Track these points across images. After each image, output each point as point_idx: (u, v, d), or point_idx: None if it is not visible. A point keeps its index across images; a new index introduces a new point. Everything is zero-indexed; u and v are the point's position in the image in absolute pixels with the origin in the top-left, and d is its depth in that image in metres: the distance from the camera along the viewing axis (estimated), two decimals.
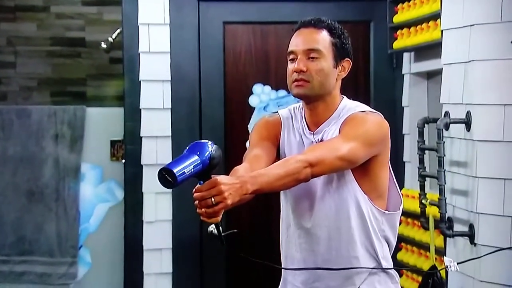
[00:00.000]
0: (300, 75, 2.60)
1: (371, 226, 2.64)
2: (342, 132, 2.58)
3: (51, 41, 5.42)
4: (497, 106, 3.28)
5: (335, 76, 2.70)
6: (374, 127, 2.64)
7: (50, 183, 4.32)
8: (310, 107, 2.72)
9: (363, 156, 2.56)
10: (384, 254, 2.67)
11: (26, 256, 4.26)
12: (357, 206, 2.62)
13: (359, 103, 2.76)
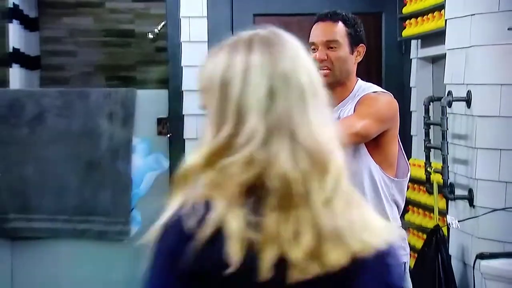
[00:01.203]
0: (322, 63, 2.59)
1: (382, 191, 2.66)
2: (357, 111, 2.59)
3: (105, 32, 5.46)
4: (495, 85, 3.24)
5: (352, 61, 2.74)
6: (385, 106, 2.67)
7: (106, 155, 4.32)
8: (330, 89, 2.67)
9: (375, 132, 2.58)
10: (393, 215, 2.70)
11: (86, 216, 4.29)
12: (370, 175, 2.62)
13: (372, 84, 2.79)
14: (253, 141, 1.25)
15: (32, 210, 4.28)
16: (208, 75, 1.34)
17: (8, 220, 4.26)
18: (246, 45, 1.33)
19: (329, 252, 1.22)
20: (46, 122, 4.32)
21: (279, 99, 1.28)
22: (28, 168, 4.28)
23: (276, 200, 1.23)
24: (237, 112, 1.28)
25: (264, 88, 1.28)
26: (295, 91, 1.30)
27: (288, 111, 1.28)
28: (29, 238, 4.31)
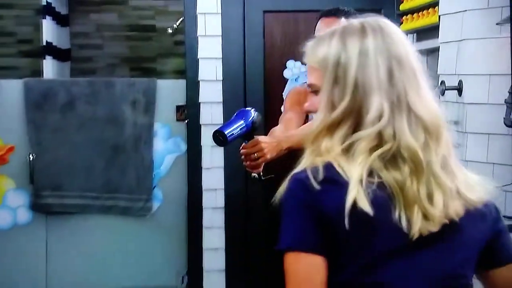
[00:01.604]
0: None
1: None
2: None
3: (128, 28, 5.47)
4: (484, 75, 3.20)
5: None
6: None
7: (130, 139, 4.34)
8: None
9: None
10: None
11: (112, 194, 4.31)
12: None
13: None
14: (383, 118, 1.33)
15: (64, 188, 4.31)
16: (321, 58, 1.41)
17: (43, 197, 4.28)
18: (359, 31, 1.38)
19: (451, 205, 1.34)
20: (76, 108, 4.33)
21: (397, 79, 1.36)
22: (60, 150, 4.30)
23: (408, 167, 1.32)
24: (355, 90, 1.36)
25: (383, 69, 1.36)
26: (409, 72, 1.38)
27: (405, 89, 1.36)
28: (61, 213, 4.33)
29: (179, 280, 4.36)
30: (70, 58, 5.36)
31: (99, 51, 5.44)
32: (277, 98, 4.25)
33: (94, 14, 5.43)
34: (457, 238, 1.37)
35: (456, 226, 1.35)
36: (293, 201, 1.35)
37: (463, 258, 1.40)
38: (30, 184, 4.30)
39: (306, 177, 1.32)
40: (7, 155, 4.31)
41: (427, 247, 1.34)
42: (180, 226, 4.33)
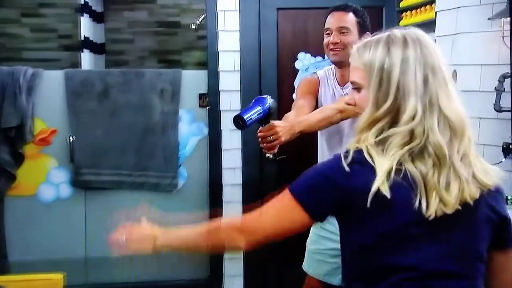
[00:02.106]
0: (335, 46, 2.59)
1: None
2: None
3: (157, 24, 5.49)
4: (476, 66, 3.19)
5: None
6: None
7: (158, 123, 4.34)
8: (340, 69, 2.66)
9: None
10: None
11: (143, 172, 4.32)
12: None
13: None
14: (416, 118, 1.42)
15: (100, 166, 4.32)
16: (367, 61, 1.49)
17: (82, 174, 4.30)
18: (402, 42, 1.47)
19: (466, 189, 1.42)
20: (110, 96, 4.33)
21: (430, 85, 1.44)
22: (97, 133, 4.31)
23: (432, 161, 1.41)
24: (397, 93, 1.44)
25: (420, 76, 1.44)
26: (441, 79, 1.46)
27: (437, 94, 1.44)
28: (98, 189, 4.34)
29: None
30: (105, 51, 5.38)
31: (130, 45, 5.46)
32: (289, 87, 4.24)
33: (126, 12, 5.45)
34: (472, 218, 1.44)
35: (470, 208, 1.42)
36: (323, 170, 1.48)
37: (478, 236, 1.46)
38: (70, 163, 4.31)
39: (340, 158, 1.45)
40: (50, 137, 4.32)
41: (445, 227, 1.41)
42: (203, 201, 4.34)
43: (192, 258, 4.34)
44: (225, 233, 1.57)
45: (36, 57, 5.18)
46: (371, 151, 1.43)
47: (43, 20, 5.31)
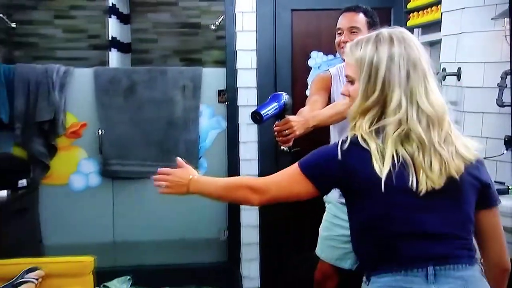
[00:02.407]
0: (346, 44, 2.59)
1: None
2: None
3: (179, 25, 5.50)
4: (479, 63, 3.16)
5: None
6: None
7: (181, 117, 4.36)
8: None
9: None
10: None
11: (166, 162, 4.14)
12: None
13: None
14: (402, 108, 1.54)
15: (127, 157, 4.34)
16: (358, 58, 1.60)
17: (110, 164, 4.32)
18: (388, 40, 1.58)
19: (452, 165, 1.54)
20: (136, 92, 4.34)
21: (412, 79, 1.55)
22: (124, 126, 4.33)
23: (416, 144, 1.53)
24: (383, 86, 1.55)
25: (404, 71, 1.55)
26: (420, 74, 1.56)
27: (416, 87, 1.55)
28: (125, 178, 4.36)
29: (221, 233, 4.39)
30: (131, 50, 5.39)
31: (154, 45, 5.47)
32: (302, 83, 4.23)
33: (151, 14, 5.46)
34: (460, 188, 1.55)
35: (457, 181, 1.54)
36: (327, 151, 1.62)
37: (466, 202, 1.57)
38: (99, 154, 4.33)
39: (341, 142, 1.59)
40: (81, 130, 4.35)
41: (438, 198, 1.53)
42: None
43: (212, 244, 4.37)
44: (243, 191, 1.71)
45: (68, 56, 5.20)
46: (366, 137, 1.55)
47: (74, 21, 5.32)
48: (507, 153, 2.99)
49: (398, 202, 1.51)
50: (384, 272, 1.51)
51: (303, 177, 1.61)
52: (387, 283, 1.50)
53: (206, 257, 4.40)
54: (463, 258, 1.52)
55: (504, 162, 3.00)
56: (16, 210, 3.29)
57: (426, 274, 1.48)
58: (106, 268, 3.80)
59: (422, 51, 1.60)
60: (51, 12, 5.31)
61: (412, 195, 1.51)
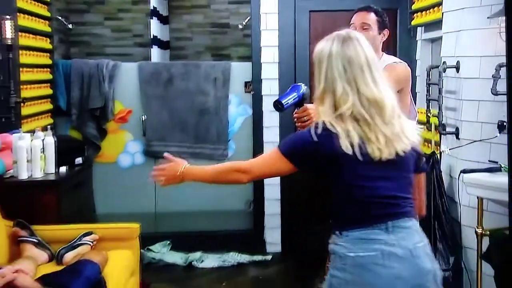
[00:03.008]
0: None
1: None
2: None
3: (211, 25, 5.49)
4: (476, 57, 3.12)
5: (379, 40, 2.62)
6: (401, 71, 2.59)
7: (212, 105, 4.37)
8: None
9: (394, 89, 2.47)
10: None
11: (200, 144, 4.36)
12: None
13: (393, 56, 2.69)
14: (349, 97, 1.64)
15: (166, 140, 4.37)
16: (314, 55, 1.73)
17: (152, 146, 4.36)
18: (332, 39, 1.70)
19: (398, 145, 1.66)
20: (174, 83, 4.37)
21: (348, 72, 1.64)
22: (163, 113, 4.36)
23: (363, 123, 1.63)
24: (326, 77, 1.66)
25: (340, 66, 1.64)
26: (357, 68, 1.65)
27: (354, 79, 1.64)
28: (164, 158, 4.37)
29: (247, 206, 4.40)
30: (169, 47, 5.40)
31: (189, 42, 5.47)
32: None
33: (186, 15, 5.45)
34: (405, 159, 1.68)
35: (403, 156, 1.66)
36: (302, 135, 1.67)
37: (409, 169, 1.72)
38: (143, 136, 4.37)
39: (313, 127, 1.65)
40: (127, 116, 4.39)
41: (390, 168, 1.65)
42: None
43: (240, 214, 4.39)
44: (233, 173, 1.78)
45: (116, 52, 5.24)
46: (333, 122, 1.63)
47: (121, 22, 5.36)
48: (500, 136, 2.96)
49: (363, 173, 1.62)
50: (355, 227, 1.63)
51: (283, 157, 1.67)
52: (357, 235, 1.62)
53: (234, 225, 4.43)
54: (409, 213, 1.68)
55: (497, 144, 2.97)
56: (74, 184, 3.34)
57: (386, 227, 1.62)
58: (149, 234, 3.86)
59: (360, 50, 1.66)
60: (102, 14, 5.35)
61: (372, 166, 1.62)
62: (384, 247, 1.59)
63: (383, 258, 1.58)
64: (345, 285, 1.60)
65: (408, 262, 1.60)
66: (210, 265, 3.97)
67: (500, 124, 2.96)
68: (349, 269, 1.60)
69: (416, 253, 1.62)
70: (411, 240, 1.63)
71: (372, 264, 1.58)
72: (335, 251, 1.65)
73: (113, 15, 5.35)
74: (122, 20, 5.34)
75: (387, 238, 1.60)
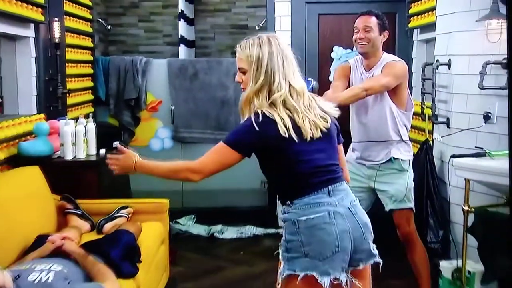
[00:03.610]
0: (361, 41, 2.55)
1: (397, 119, 2.58)
2: (383, 72, 2.54)
3: (231, 26, 5.46)
4: (465, 55, 3.11)
5: (379, 41, 2.61)
6: (399, 68, 2.57)
7: (232, 97, 4.36)
8: (366, 58, 2.62)
9: (393, 84, 2.51)
10: (403, 133, 2.61)
11: (221, 131, 4.34)
12: (390, 110, 2.57)
13: (392, 55, 2.68)
14: (283, 88, 1.69)
15: (192, 127, 4.39)
16: (248, 54, 1.73)
17: (179, 132, 4.40)
18: (267, 41, 1.73)
19: (320, 124, 1.73)
20: (199, 78, 4.38)
21: (285, 67, 1.71)
22: (189, 103, 4.39)
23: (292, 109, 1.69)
24: (267, 73, 1.69)
25: (280, 62, 1.70)
26: (290, 63, 1.72)
27: (288, 72, 1.71)
28: (190, 142, 4.38)
29: (263, 185, 4.39)
30: (195, 46, 5.41)
31: (212, 41, 5.46)
32: (327, 71, 4.21)
33: (210, 18, 5.43)
34: (331, 134, 1.76)
35: (328, 130, 1.74)
36: (245, 127, 1.68)
37: (335, 141, 1.79)
38: (171, 124, 4.40)
39: (254, 117, 1.67)
40: (158, 106, 4.42)
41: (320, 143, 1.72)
42: None
43: (255, 192, 4.42)
44: (183, 173, 1.76)
45: (148, 50, 5.27)
46: (270, 111, 1.67)
47: (152, 24, 5.38)
48: (485, 125, 2.96)
49: (300, 150, 1.67)
50: (302, 196, 1.67)
51: (231, 150, 1.67)
52: (306, 202, 1.66)
53: (251, 202, 4.45)
54: (341, 177, 1.75)
55: (483, 132, 2.97)
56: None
57: (328, 191, 1.68)
58: (176, 208, 3.89)
59: (289, 48, 1.75)
60: (136, 17, 5.38)
61: (307, 143, 1.68)
62: (330, 208, 1.65)
63: (329, 217, 1.64)
64: (301, 246, 1.63)
65: (349, 218, 1.67)
66: (229, 236, 4.02)
67: (486, 115, 2.95)
68: (303, 231, 1.63)
69: (353, 210, 1.70)
70: (348, 199, 1.71)
71: (322, 223, 1.63)
72: (287, 219, 1.69)
73: (146, 17, 5.37)
74: (154, 22, 5.37)
75: (331, 200, 1.67)
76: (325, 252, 1.61)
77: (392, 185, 2.57)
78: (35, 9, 3.11)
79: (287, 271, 1.64)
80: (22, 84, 3.18)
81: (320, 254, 1.61)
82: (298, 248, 1.63)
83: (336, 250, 1.62)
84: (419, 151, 3.37)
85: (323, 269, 1.60)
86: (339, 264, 1.63)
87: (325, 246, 1.62)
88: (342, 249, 1.63)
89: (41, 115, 3.22)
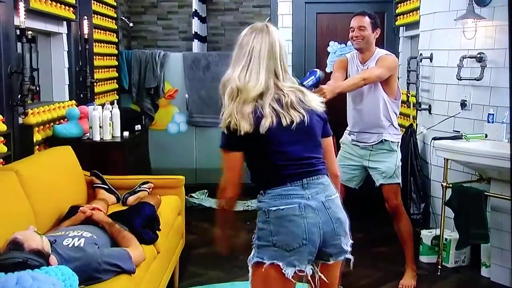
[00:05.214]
0: (357, 38, 2.54)
1: (388, 107, 2.59)
2: (377, 65, 2.54)
3: (239, 23, 5.40)
4: (445, 50, 3.10)
5: (372, 38, 2.60)
6: (391, 61, 2.56)
7: None
8: (361, 53, 2.61)
9: (386, 75, 2.50)
10: (393, 119, 2.63)
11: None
12: (382, 99, 2.58)
13: (384, 50, 2.67)
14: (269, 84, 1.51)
15: (204, 113, 4.38)
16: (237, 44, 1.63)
17: (193, 117, 4.41)
18: (259, 30, 1.58)
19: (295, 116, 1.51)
20: (210, 69, 4.38)
21: (270, 57, 1.53)
22: (202, 92, 4.39)
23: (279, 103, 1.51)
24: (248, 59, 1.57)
25: (267, 50, 1.54)
26: (277, 53, 1.53)
27: (274, 63, 1.53)
28: (203, 126, 4.40)
29: None
30: (207, 41, 5.40)
31: (222, 37, 5.43)
32: (323, 63, 4.19)
33: (220, 16, 5.40)
34: (311, 126, 1.54)
35: (308, 122, 1.52)
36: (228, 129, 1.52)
37: (316, 133, 1.58)
38: (186, 110, 4.42)
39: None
40: (174, 94, 4.44)
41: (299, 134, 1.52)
42: None
43: None
44: (220, 199, 1.64)
45: (165, 45, 5.26)
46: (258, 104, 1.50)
47: (169, 22, 5.36)
48: (462, 112, 2.96)
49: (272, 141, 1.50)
50: (275, 186, 1.51)
51: (231, 153, 1.53)
52: (278, 192, 1.50)
53: None
54: (320, 171, 1.56)
55: (460, 118, 2.98)
56: (134, 145, 3.41)
57: (301, 184, 1.51)
58: (191, 184, 3.94)
59: (277, 38, 1.56)
60: (155, 15, 5.35)
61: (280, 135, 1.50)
62: (301, 201, 1.49)
63: (300, 209, 1.48)
64: (270, 236, 1.49)
65: (321, 212, 1.50)
66: (237, 209, 4.06)
67: (462, 103, 2.95)
68: (272, 221, 1.49)
69: (327, 205, 1.52)
70: (324, 193, 1.53)
71: (291, 215, 1.48)
72: (260, 207, 1.54)
73: (164, 16, 5.35)
74: (171, 20, 5.34)
75: (303, 193, 1.50)
76: (293, 243, 1.47)
77: (383, 163, 2.59)
78: (67, 8, 3.13)
79: (256, 258, 1.52)
80: (56, 74, 3.22)
81: (287, 245, 1.47)
82: (267, 237, 1.50)
83: (303, 243, 1.47)
84: (404, 134, 3.37)
85: (289, 260, 1.47)
86: (305, 257, 1.48)
87: (293, 237, 1.47)
88: (310, 242, 1.48)
89: (72, 101, 3.25)
